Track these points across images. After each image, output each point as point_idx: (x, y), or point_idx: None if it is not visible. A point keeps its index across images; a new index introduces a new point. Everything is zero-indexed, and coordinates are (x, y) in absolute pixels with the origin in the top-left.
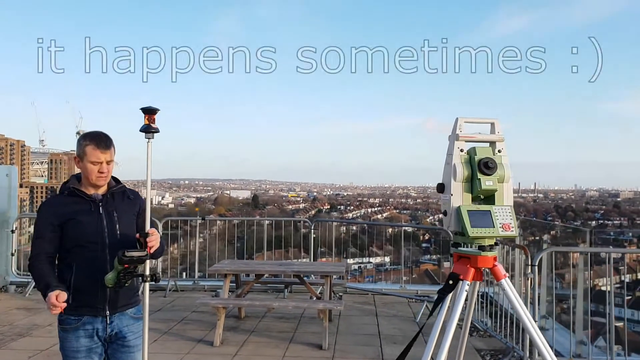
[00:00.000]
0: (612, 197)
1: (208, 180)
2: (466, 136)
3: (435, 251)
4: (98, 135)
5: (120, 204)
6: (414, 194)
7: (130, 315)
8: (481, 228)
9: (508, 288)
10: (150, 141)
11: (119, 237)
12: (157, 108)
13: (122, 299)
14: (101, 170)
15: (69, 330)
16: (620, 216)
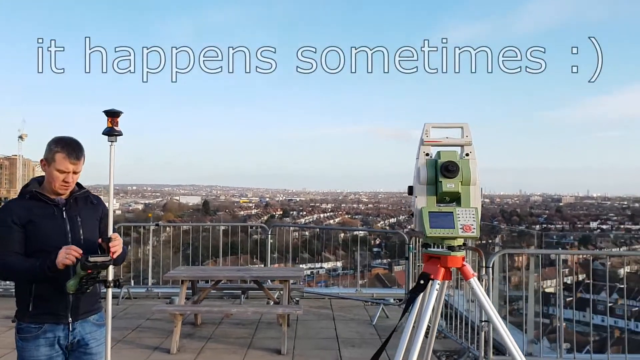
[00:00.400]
0: (555, 202)
1: (157, 185)
2: (432, 141)
3: (385, 255)
4: (70, 143)
5: (83, 208)
6: (365, 199)
7: (93, 322)
8: (441, 229)
9: (476, 287)
10: (113, 144)
11: (82, 243)
12: (121, 110)
13: (84, 306)
14: (67, 180)
15: (28, 339)
16: (562, 220)
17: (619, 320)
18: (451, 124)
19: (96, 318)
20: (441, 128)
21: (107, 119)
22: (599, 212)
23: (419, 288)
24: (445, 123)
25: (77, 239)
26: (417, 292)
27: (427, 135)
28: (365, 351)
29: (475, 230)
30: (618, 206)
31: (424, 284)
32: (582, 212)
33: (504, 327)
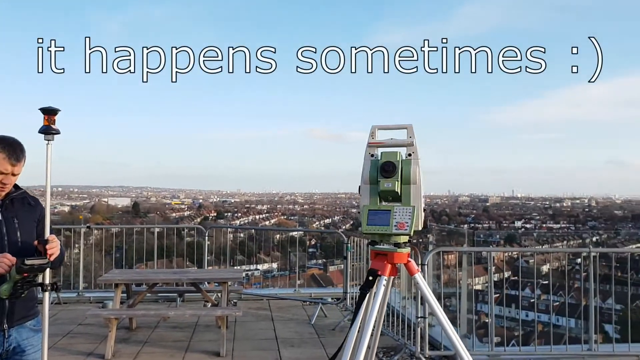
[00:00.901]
0: (482, 202)
1: (84, 187)
2: (375, 142)
3: (321, 255)
4: (12, 144)
5: (20, 210)
6: (301, 200)
7: (30, 328)
8: (376, 226)
9: (421, 282)
10: (50, 143)
11: (19, 245)
12: (58, 108)
13: (20, 311)
14: (5, 181)
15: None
16: (489, 220)
17: (541, 315)
18: (396, 125)
19: (33, 323)
20: (387, 130)
21: (44, 117)
22: (523, 211)
23: (367, 284)
24: (390, 125)
25: (14, 241)
26: (366, 288)
27: (372, 137)
28: (305, 350)
29: (409, 228)
30: (541, 206)
31: (372, 281)
32: (507, 211)
33: (448, 322)
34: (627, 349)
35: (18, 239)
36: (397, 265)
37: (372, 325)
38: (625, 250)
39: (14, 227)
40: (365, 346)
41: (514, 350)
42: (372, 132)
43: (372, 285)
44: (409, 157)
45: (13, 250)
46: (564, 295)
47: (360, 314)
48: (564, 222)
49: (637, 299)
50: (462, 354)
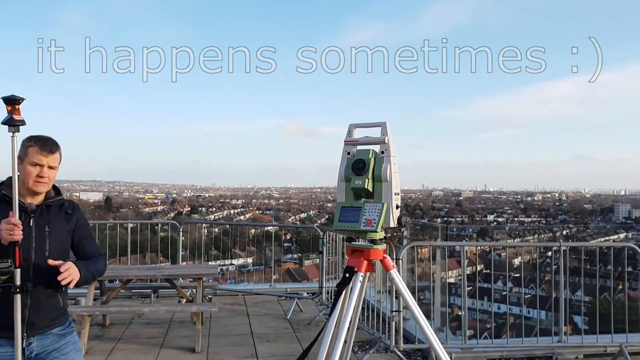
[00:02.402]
0: (455, 197)
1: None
2: (351, 140)
3: (296, 250)
4: (44, 138)
5: (55, 217)
6: (276, 194)
7: (55, 333)
8: (346, 222)
9: (396, 278)
10: (15, 135)
11: (46, 255)
12: (22, 97)
13: (41, 322)
14: (41, 174)
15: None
16: (462, 213)
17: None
18: (372, 123)
19: (59, 329)
20: (363, 128)
21: (7, 107)
22: (495, 205)
23: (344, 281)
24: (366, 123)
25: (42, 250)
26: (343, 285)
27: (349, 136)
28: (280, 345)
29: (377, 224)
30: (512, 200)
31: (349, 277)
32: (480, 205)
33: (422, 316)
34: (596, 340)
35: (46, 249)
36: (373, 261)
37: (348, 321)
38: (594, 244)
39: (43, 236)
40: (342, 341)
41: (486, 343)
42: (349, 130)
43: (348, 282)
44: (382, 155)
45: (39, 259)
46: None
47: (337, 310)
48: (535, 216)
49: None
50: (436, 347)
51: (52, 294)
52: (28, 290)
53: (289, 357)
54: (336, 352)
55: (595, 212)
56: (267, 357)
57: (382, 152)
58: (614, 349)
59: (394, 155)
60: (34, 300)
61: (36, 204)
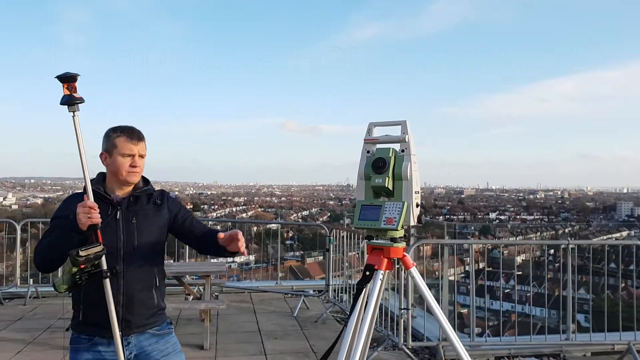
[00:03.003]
0: (457, 194)
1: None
2: (370, 139)
3: (298, 247)
4: (129, 127)
5: (143, 209)
6: (278, 192)
7: (152, 333)
8: (367, 221)
9: (416, 276)
10: (75, 114)
11: (136, 247)
12: (77, 73)
13: (137, 319)
14: (134, 164)
15: (77, 350)
16: (464, 211)
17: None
18: (391, 122)
19: (158, 328)
20: (383, 126)
21: (63, 85)
22: (497, 203)
23: (365, 279)
24: (386, 121)
25: (131, 242)
26: (363, 283)
27: (369, 134)
28: (288, 343)
29: (397, 223)
30: (515, 198)
31: (369, 275)
32: (482, 203)
33: (442, 315)
34: (604, 338)
35: (135, 241)
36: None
37: (369, 319)
38: (603, 242)
39: (131, 228)
40: (363, 339)
41: (494, 341)
42: (369, 128)
43: (369, 280)
44: (402, 153)
45: (129, 252)
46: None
47: (357, 308)
48: (537, 214)
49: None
50: (457, 347)
51: (146, 290)
52: (117, 273)
53: (297, 354)
54: (357, 350)
55: (598, 210)
56: (276, 354)
57: (402, 150)
58: (621, 347)
59: (414, 154)
60: (126, 296)
61: (124, 196)
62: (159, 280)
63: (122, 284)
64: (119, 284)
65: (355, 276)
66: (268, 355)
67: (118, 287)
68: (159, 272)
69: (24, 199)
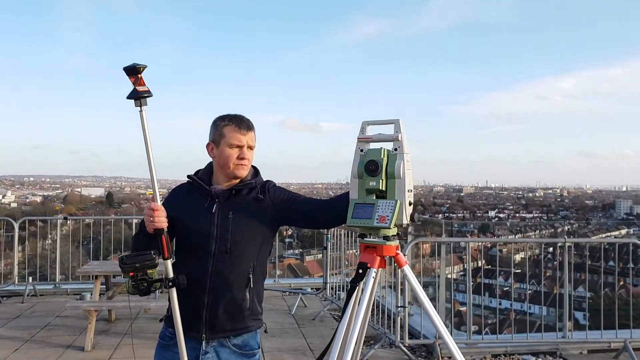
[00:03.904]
0: (457, 192)
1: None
2: (364, 138)
3: (297, 246)
4: (238, 115)
5: (241, 203)
6: None
7: (233, 350)
8: (360, 219)
9: (409, 274)
10: (142, 109)
11: (229, 245)
12: (144, 64)
13: (223, 322)
14: (242, 155)
15: (163, 345)
16: (463, 209)
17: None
18: (385, 120)
19: (240, 344)
20: (376, 125)
21: (130, 78)
22: (496, 201)
23: (358, 277)
24: (379, 120)
25: (224, 239)
26: (356, 281)
27: (362, 133)
28: (286, 340)
29: (390, 221)
30: (514, 196)
31: (362, 273)
32: (481, 201)
33: (435, 313)
34: (600, 336)
35: (228, 238)
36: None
37: (361, 318)
38: (599, 240)
39: (226, 224)
40: (355, 337)
41: (491, 339)
42: (362, 127)
43: (362, 279)
44: (395, 152)
45: (220, 250)
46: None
47: (350, 306)
48: (536, 212)
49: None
50: (449, 344)
51: (236, 290)
52: (180, 285)
53: (295, 352)
54: (349, 348)
55: (597, 208)
56: (273, 352)
57: (395, 149)
58: (618, 345)
59: (407, 152)
60: (213, 296)
61: (223, 188)
62: (255, 281)
63: (209, 282)
64: (204, 283)
65: (352, 274)
66: (265, 353)
67: (204, 286)
68: (257, 271)
69: (23, 196)
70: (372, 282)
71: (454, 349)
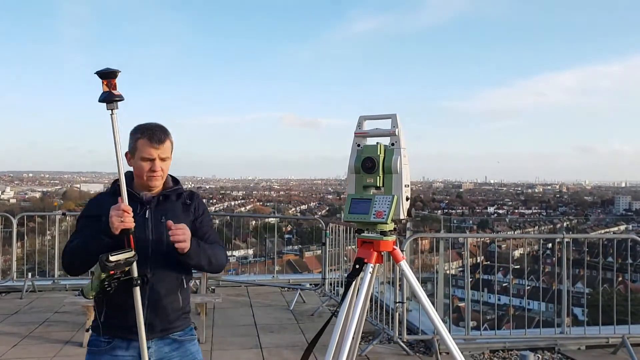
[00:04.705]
0: (456, 188)
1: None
2: (361, 133)
3: (297, 242)
4: (151, 127)
5: (172, 208)
6: (277, 186)
7: (173, 339)
8: (357, 214)
9: (406, 269)
10: (114, 112)
11: (164, 249)
12: (117, 69)
13: (161, 323)
14: (153, 168)
15: (95, 353)
16: (462, 205)
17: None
18: (382, 115)
19: (180, 334)
20: (373, 120)
21: (102, 82)
22: (495, 197)
23: (354, 272)
24: (376, 115)
25: (160, 243)
26: (353, 276)
27: (359, 128)
28: (284, 336)
29: (387, 216)
30: (513, 192)
31: (359, 269)
32: (480, 197)
33: (432, 308)
34: (598, 331)
35: (164, 241)
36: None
37: (358, 312)
38: (597, 236)
39: (161, 228)
40: (352, 332)
41: (489, 334)
42: (359, 122)
43: (358, 274)
44: (392, 147)
45: (157, 253)
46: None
47: (346, 301)
48: (535, 208)
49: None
50: (446, 339)
51: (172, 292)
52: (147, 281)
53: (293, 348)
54: (346, 343)
55: (596, 204)
56: (272, 347)
57: (392, 144)
58: (616, 340)
59: (404, 147)
60: (152, 298)
61: (153, 195)
62: (186, 282)
63: (148, 286)
64: (145, 286)
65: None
66: (264, 349)
67: (144, 289)
68: (187, 273)
69: (22, 192)
70: (370, 277)
71: (451, 344)
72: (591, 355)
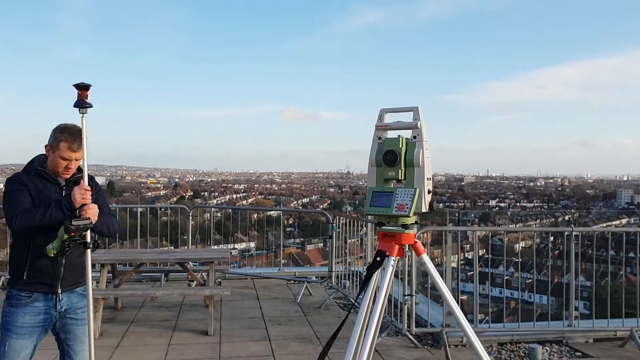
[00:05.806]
0: (457, 182)
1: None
2: (382, 126)
3: (298, 235)
4: (74, 132)
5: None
6: (278, 179)
7: (79, 293)
8: (378, 207)
9: (428, 262)
10: (84, 116)
11: None
12: (89, 84)
13: (73, 278)
14: (69, 166)
15: (17, 305)
16: (464, 199)
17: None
18: (403, 108)
19: (82, 289)
20: (395, 112)
21: (78, 92)
22: (497, 190)
23: (375, 265)
24: (397, 108)
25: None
26: (373, 269)
27: (380, 121)
28: (292, 328)
29: (409, 209)
30: (515, 185)
31: (380, 261)
32: (482, 191)
33: (453, 301)
34: (606, 324)
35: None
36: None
37: (380, 305)
38: (606, 229)
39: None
40: (374, 324)
41: (498, 327)
42: (380, 115)
43: (379, 266)
44: (414, 140)
45: None
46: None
47: (367, 293)
48: (537, 201)
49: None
50: (468, 333)
51: (80, 255)
52: (99, 246)
53: (302, 340)
54: (369, 335)
55: (598, 197)
56: (280, 339)
57: (414, 137)
58: (624, 333)
59: (426, 140)
60: (68, 259)
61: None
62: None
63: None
64: (95, 248)
65: (354, 263)
66: (272, 341)
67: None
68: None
69: None
70: (391, 271)
71: (473, 337)
72: (599, 348)
